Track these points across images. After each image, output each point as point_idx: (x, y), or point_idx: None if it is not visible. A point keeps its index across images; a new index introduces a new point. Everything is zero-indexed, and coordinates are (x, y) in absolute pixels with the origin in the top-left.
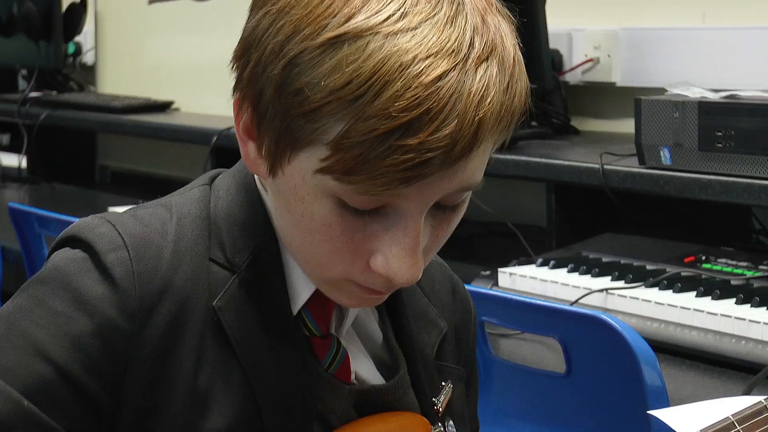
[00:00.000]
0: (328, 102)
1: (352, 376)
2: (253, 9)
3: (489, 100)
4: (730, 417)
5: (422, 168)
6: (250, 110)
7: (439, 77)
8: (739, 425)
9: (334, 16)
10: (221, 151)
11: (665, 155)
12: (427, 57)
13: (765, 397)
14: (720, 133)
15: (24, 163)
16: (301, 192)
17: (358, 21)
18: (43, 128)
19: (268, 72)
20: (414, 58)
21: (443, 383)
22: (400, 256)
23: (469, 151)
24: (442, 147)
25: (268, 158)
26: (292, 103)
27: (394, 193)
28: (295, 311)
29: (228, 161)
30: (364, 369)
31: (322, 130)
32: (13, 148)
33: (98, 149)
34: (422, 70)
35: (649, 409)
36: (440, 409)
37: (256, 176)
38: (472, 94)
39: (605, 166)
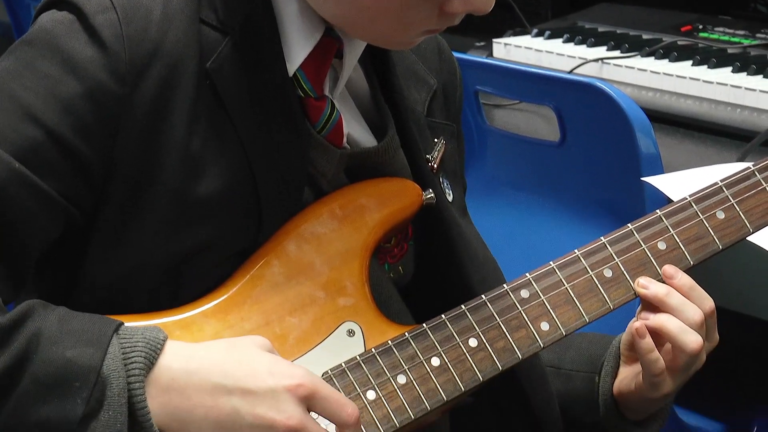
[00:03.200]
0: None
1: (344, 140)
2: None
3: None
4: (719, 182)
5: None
6: None
7: None
8: (727, 189)
9: None
10: None
11: None
12: None
13: (753, 162)
14: None
15: None
16: None
17: None
18: None
19: None
20: None
21: (435, 140)
22: None
23: None
24: None
25: None
26: None
27: None
28: (291, 72)
29: None
30: (356, 131)
31: None
32: None
33: None
34: None
35: (642, 177)
36: (434, 166)
37: None
38: None
39: None
